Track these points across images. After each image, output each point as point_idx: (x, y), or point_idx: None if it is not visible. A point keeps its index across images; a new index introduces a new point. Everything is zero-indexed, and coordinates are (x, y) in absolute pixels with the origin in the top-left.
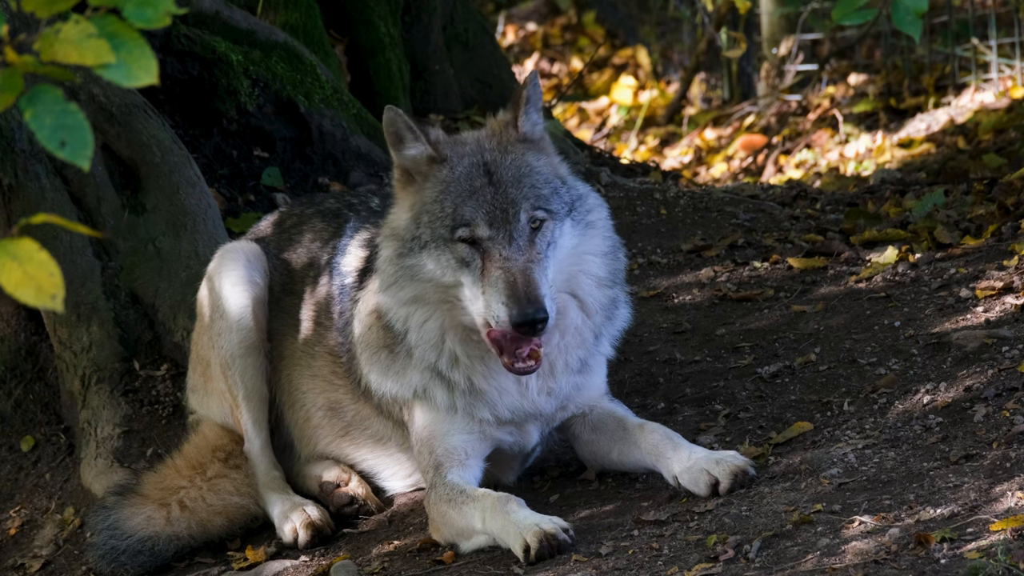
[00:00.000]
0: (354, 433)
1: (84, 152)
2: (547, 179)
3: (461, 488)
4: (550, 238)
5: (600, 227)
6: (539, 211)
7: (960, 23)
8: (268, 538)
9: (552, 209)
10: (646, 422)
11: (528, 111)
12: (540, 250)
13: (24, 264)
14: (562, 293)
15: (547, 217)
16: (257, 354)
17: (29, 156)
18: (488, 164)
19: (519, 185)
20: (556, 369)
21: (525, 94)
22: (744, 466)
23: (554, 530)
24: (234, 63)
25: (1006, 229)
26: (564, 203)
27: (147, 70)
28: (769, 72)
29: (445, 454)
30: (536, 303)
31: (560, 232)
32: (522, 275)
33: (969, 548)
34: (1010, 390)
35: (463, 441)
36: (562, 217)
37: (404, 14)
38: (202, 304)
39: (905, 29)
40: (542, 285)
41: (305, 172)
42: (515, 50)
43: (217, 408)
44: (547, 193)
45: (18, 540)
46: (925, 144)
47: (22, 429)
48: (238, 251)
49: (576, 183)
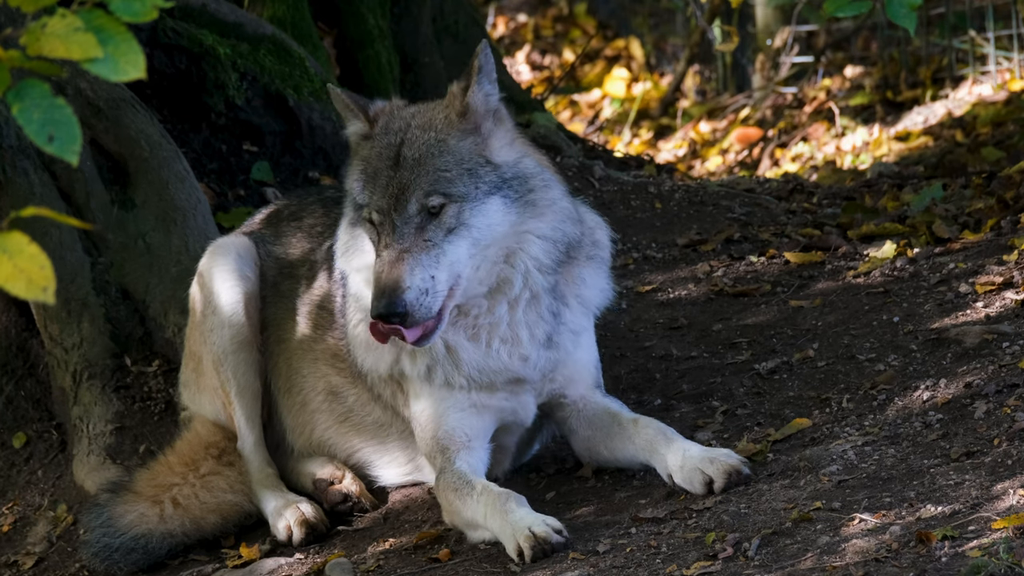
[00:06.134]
0: (354, 419)
1: (73, 147)
2: (460, 159)
3: (467, 479)
4: (454, 222)
5: (543, 208)
6: (434, 196)
7: (957, 15)
8: (262, 535)
9: (454, 192)
10: (640, 417)
11: (480, 81)
12: (431, 237)
13: (14, 257)
14: (505, 266)
15: (446, 202)
16: (250, 349)
17: (17, 151)
18: (402, 144)
19: (418, 169)
20: (521, 339)
21: (477, 63)
22: (738, 465)
23: (545, 534)
24: (222, 57)
25: (1005, 223)
26: (484, 183)
27: (134, 64)
28: (764, 64)
29: (447, 436)
30: (392, 296)
31: (478, 212)
32: (390, 266)
33: (971, 546)
34: (1011, 387)
35: (460, 419)
36: (479, 197)
37: (393, 6)
38: (194, 300)
39: (899, 21)
40: (411, 275)
41: (295, 166)
42: (506, 42)
43: (209, 404)
44: (452, 175)
45: (11, 537)
46: (923, 137)
47: (13, 425)
48: (228, 246)
49: (520, 163)
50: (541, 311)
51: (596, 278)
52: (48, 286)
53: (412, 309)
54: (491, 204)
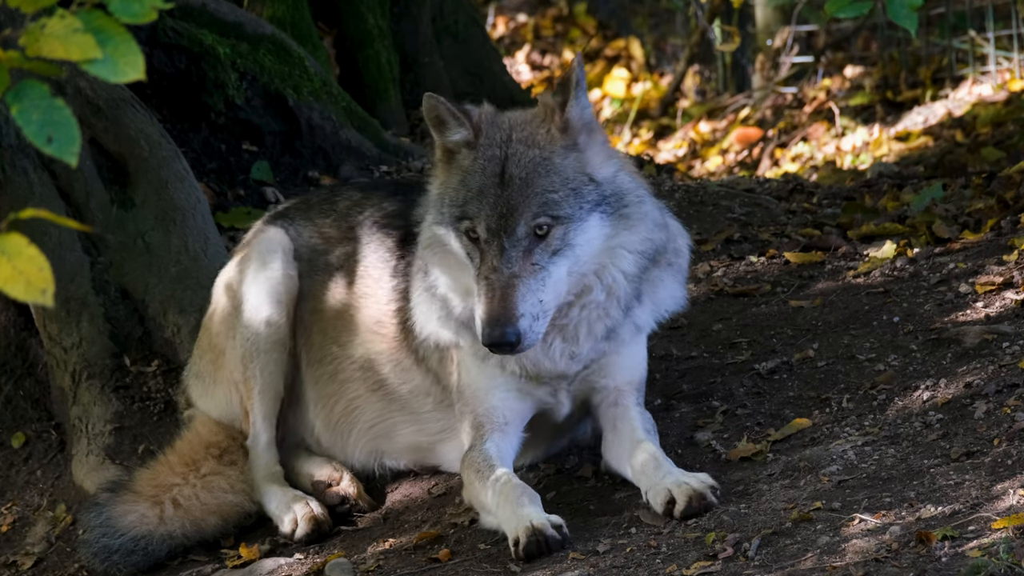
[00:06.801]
0: (387, 388)
1: (71, 148)
2: (566, 179)
3: (491, 463)
4: (558, 244)
5: (636, 221)
6: (543, 218)
7: (957, 15)
8: (262, 536)
9: (562, 214)
10: (645, 440)
11: (579, 95)
12: (537, 260)
13: (13, 259)
14: (592, 276)
15: (554, 223)
16: (282, 350)
17: (16, 151)
18: (507, 159)
19: (526, 190)
20: (580, 336)
21: (574, 77)
22: (703, 490)
23: (541, 524)
24: (221, 56)
25: (1005, 223)
26: (587, 201)
27: (134, 65)
28: (764, 64)
29: (486, 414)
30: (506, 324)
31: (579, 230)
32: (501, 291)
33: (971, 546)
34: (1011, 387)
35: (502, 400)
36: (582, 216)
37: (393, 5)
38: (223, 291)
39: (900, 22)
40: (523, 303)
41: (295, 166)
42: (505, 42)
43: (224, 397)
44: (559, 197)
45: (10, 537)
46: (923, 137)
47: (12, 425)
48: (273, 243)
49: (616, 178)
50: (611, 310)
51: (672, 284)
52: (47, 288)
53: (524, 337)
54: (591, 221)
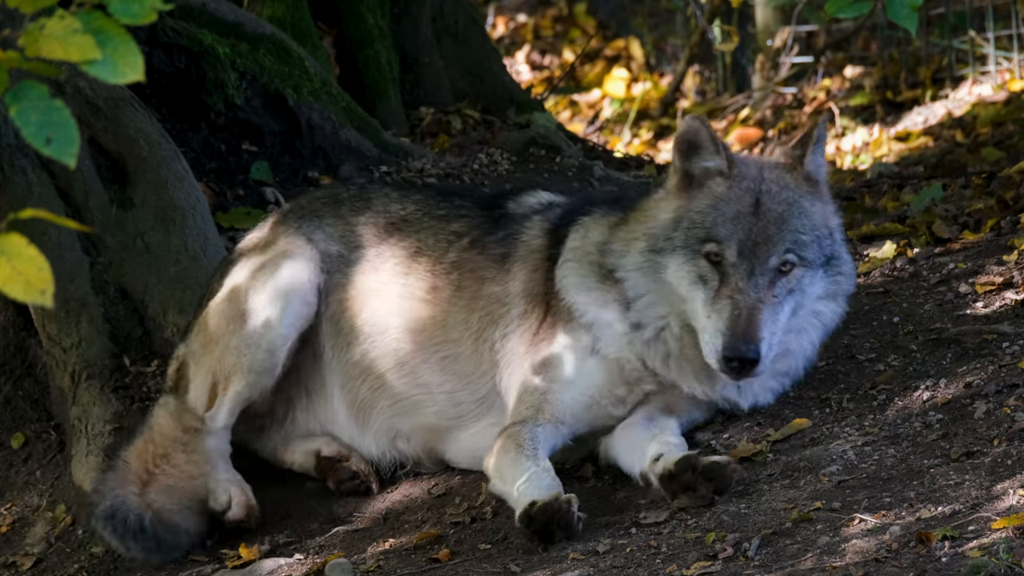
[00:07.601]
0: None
1: (70, 149)
2: (813, 226)
3: (537, 450)
4: (794, 284)
5: (840, 297)
6: (792, 255)
7: (957, 15)
8: (261, 536)
9: (806, 257)
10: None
11: (815, 152)
12: (777, 293)
13: (13, 260)
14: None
15: (798, 263)
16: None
17: (15, 150)
18: (761, 194)
19: (782, 225)
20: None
21: (815, 134)
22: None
23: (568, 498)
24: (221, 56)
25: (1005, 223)
26: (823, 254)
27: (133, 66)
28: (764, 64)
29: (555, 403)
30: (751, 342)
31: (809, 281)
32: (748, 311)
33: (970, 546)
34: (1011, 387)
35: (575, 399)
36: (816, 267)
37: (393, 6)
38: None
39: (901, 22)
40: (764, 327)
41: (295, 166)
42: (505, 42)
43: (201, 380)
44: (807, 240)
45: (9, 538)
46: (922, 137)
47: (12, 426)
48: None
49: (841, 242)
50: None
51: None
52: (47, 289)
53: (763, 359)
54: (817, 275)
